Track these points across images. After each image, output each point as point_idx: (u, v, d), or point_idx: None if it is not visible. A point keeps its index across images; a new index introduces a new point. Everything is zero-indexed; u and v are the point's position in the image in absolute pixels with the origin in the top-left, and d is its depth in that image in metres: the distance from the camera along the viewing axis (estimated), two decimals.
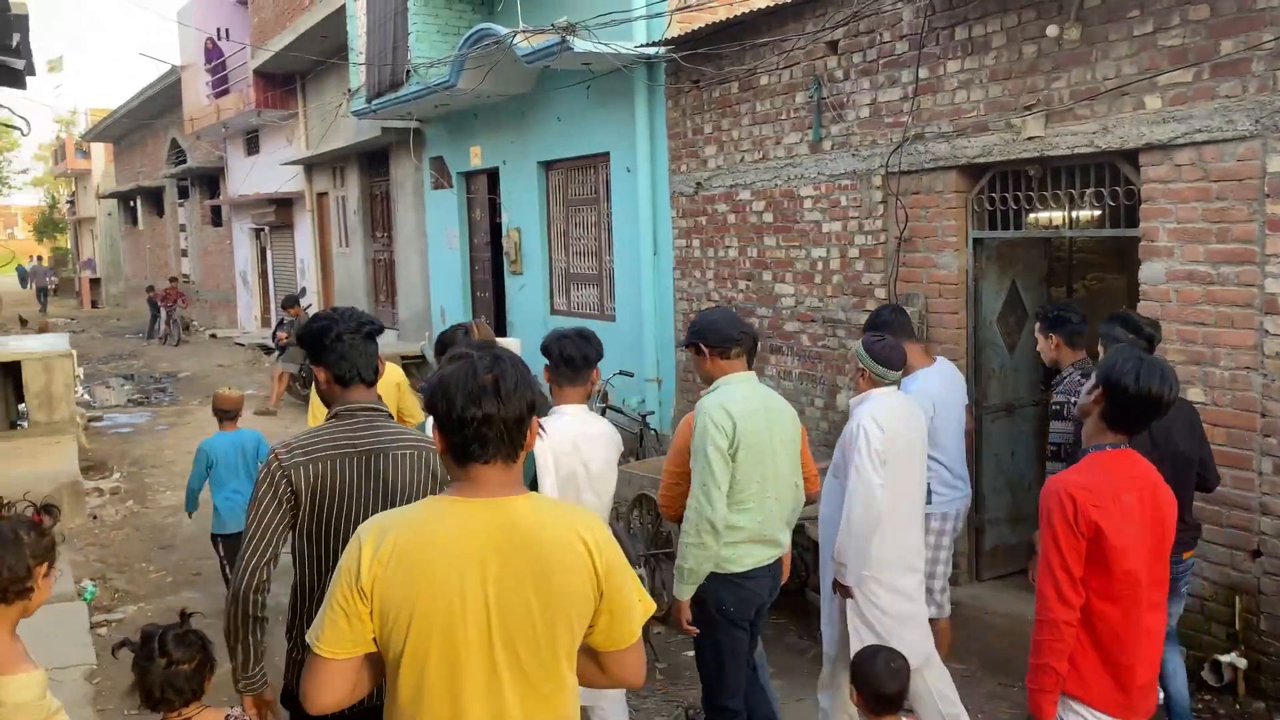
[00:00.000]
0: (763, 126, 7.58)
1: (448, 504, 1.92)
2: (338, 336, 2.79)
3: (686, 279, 8.62)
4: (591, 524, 1.96)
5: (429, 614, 1.83)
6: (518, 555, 1.86)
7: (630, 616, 1.97)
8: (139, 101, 26.57)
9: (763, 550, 3.62)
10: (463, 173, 12.59)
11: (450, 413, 1.88)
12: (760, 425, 3.57)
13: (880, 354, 3.87)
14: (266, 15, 17.12)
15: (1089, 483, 2.64)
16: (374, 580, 1.83)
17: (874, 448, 3.72)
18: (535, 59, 8.75)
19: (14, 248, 58.72)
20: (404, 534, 1.87)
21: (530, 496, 1.97)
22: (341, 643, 1.87)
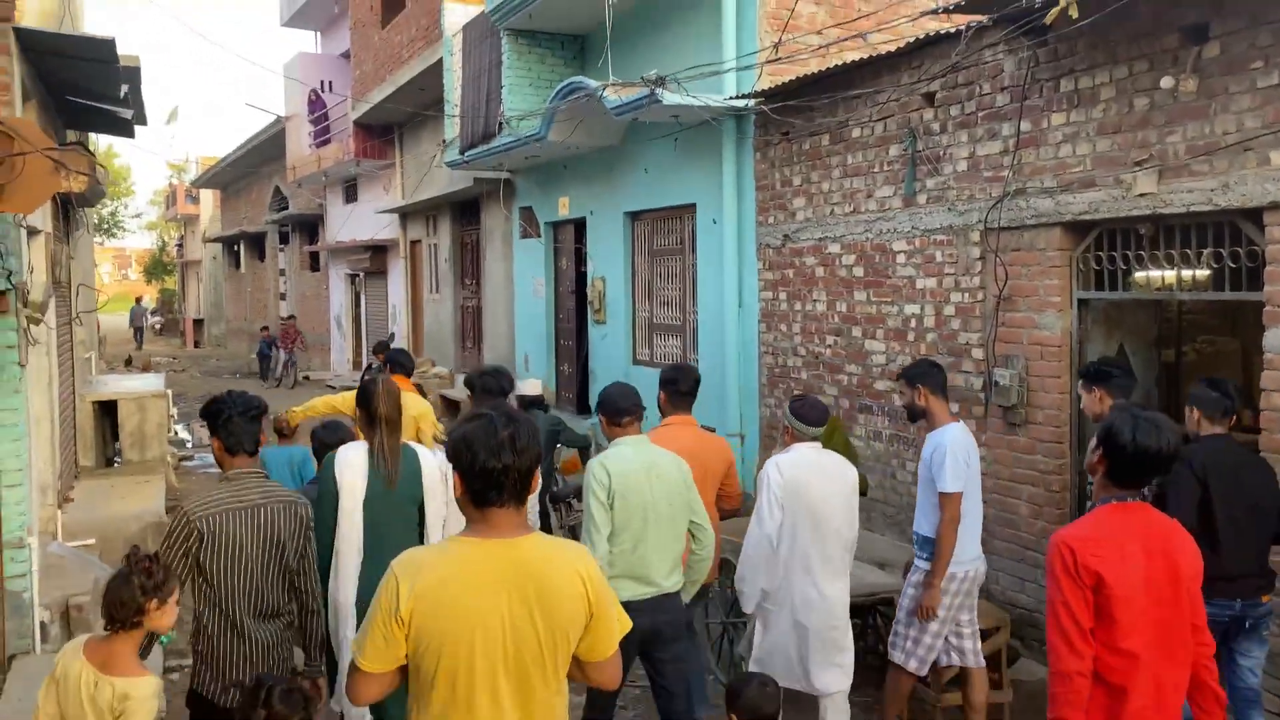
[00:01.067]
0: (854, 179, 7.39)
1: (470, 545, 2.28)
2: (228, 418, 3.51)
3: (772, 332, 8.42)
4: (584, 559, 2.36)
5: (456, 640, 2.20)
6: (527, 587, 2.24)
7: (611, 634, 2.37)
8: (245, 150, 27.66)
9: (635, 586, 4.01)
10: (550, 222, 12.66)
11: (473, 464, 2.23)
12: (639, 481, 4.01)
13: (800, 412, 4.47)
14: (367, 69, 17.66)
15: (1089, 534, 2.71)
16: (411, 612, 2.20)
17: (773, 492, 4.31)
18: (624, 111, 8.75)
19: (127, 289, 61.53)
20: (435, 571, 2.24)
21: (535, 536, 2.34)
22: (380, 659, 2.25)
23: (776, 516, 4.30)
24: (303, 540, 3.59)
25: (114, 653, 3.02)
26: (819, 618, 4.36)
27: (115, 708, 2.96)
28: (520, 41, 11.63)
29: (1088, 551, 2.66)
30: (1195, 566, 2.77)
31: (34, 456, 6.45)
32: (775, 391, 8.42)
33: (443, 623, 2.20)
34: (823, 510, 4.34)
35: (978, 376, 6.34)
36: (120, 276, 66.84)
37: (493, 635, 2.22)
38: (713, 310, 9.17)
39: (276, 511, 3.52)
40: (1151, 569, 2.69)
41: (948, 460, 4.42)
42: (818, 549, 4.34)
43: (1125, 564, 2.67)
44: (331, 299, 24.09)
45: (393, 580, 2.24)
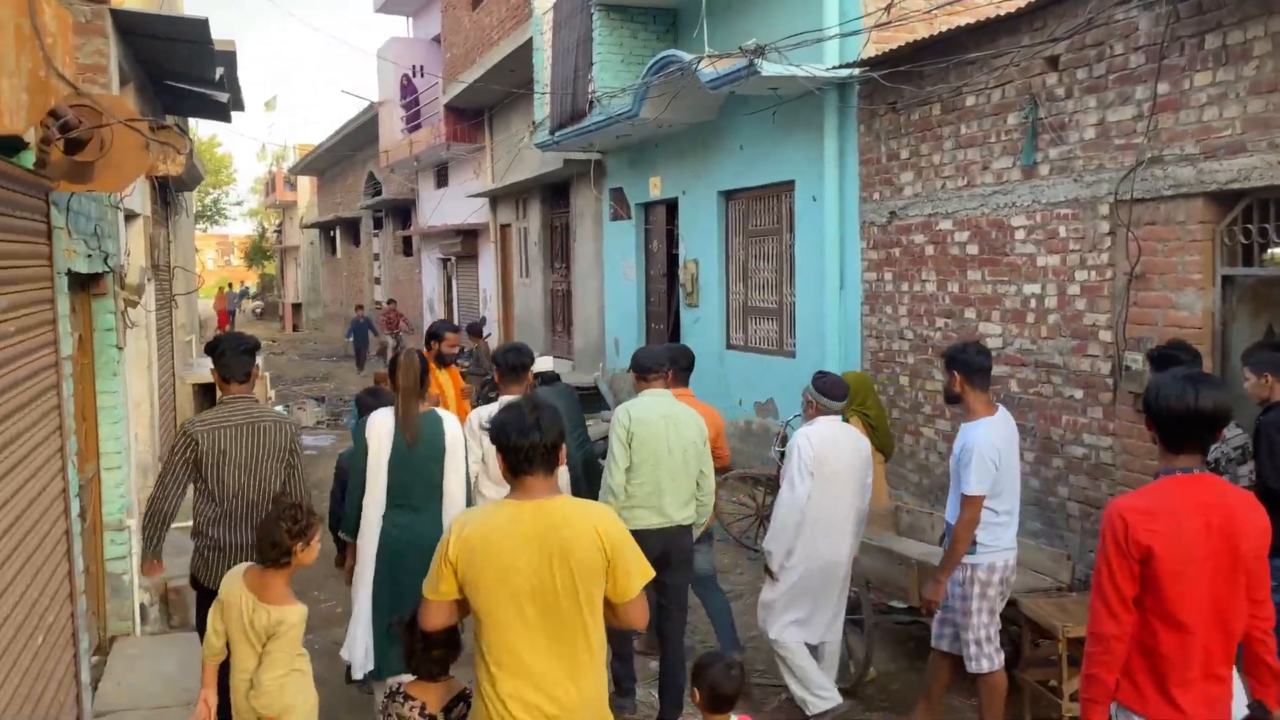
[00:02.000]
0: (968, 150, 6.94)
1: (509, 506, 2.81)
2: (222, 352, 4.29)
3: (876, 315, 8.02)
4: (605, 518, 2.84)
5: (494, 581, 2.72)
6: (550, 539, 2.72)
7: (630, 578, 2.79)
8: (340, 137, 28.04)
9: (651, 516, 4.64)
10: (641, 204, 12.40)
11: (509, 443, 2.78)
12: (656, 428, 4.67)
13: (825, 389, 4.82)
14: (457, 52, 17.62)
15: (1144, 505, 2.72)
16: (457, 557, 2.75)
17: (803, 461, 4.65)
18: (721, 84, 8.42)
19: (229, 274, 63.45)
20: (478, 526, 2.77)
21: (563, 498, 2.86)
22: (435, 591, 2.81)
23: (807, 485, 4.63)
24: (287, 455, 4.29)
25: (268, 584, 3.49)
26: (826, 575, 4.76)
27: (268, 630, 3.43)
28: (611, 16, 11.36)
29: (1140, 525, 2.68)
30: (1260, 540, 2.74)
31: (133, 439, 6.48)
32: (879, 376, 8.03)
33: (480, 567, 2.73)
34: (839, 480, 4.71)
35: (1105, 360, 5.88)
36: (224, 263, 68.94)
37: (522, 577, 2.71)
38: (812, 292, 8.81)
39: (262, 429, 4.22)
40: (1210, 542, 2.68)
41: (974, 462, 4.31)
42: (831, 514, 4.72)
43: (1180, 537, 2.67)
44: (424, 283, 24.29)
45: (449, 531, 2.83)
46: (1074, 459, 6.14)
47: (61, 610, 3.78)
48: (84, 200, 4.81)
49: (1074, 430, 6.14)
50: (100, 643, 5.79)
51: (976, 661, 4.51)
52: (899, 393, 7.83)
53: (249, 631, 3.45)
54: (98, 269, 5.20)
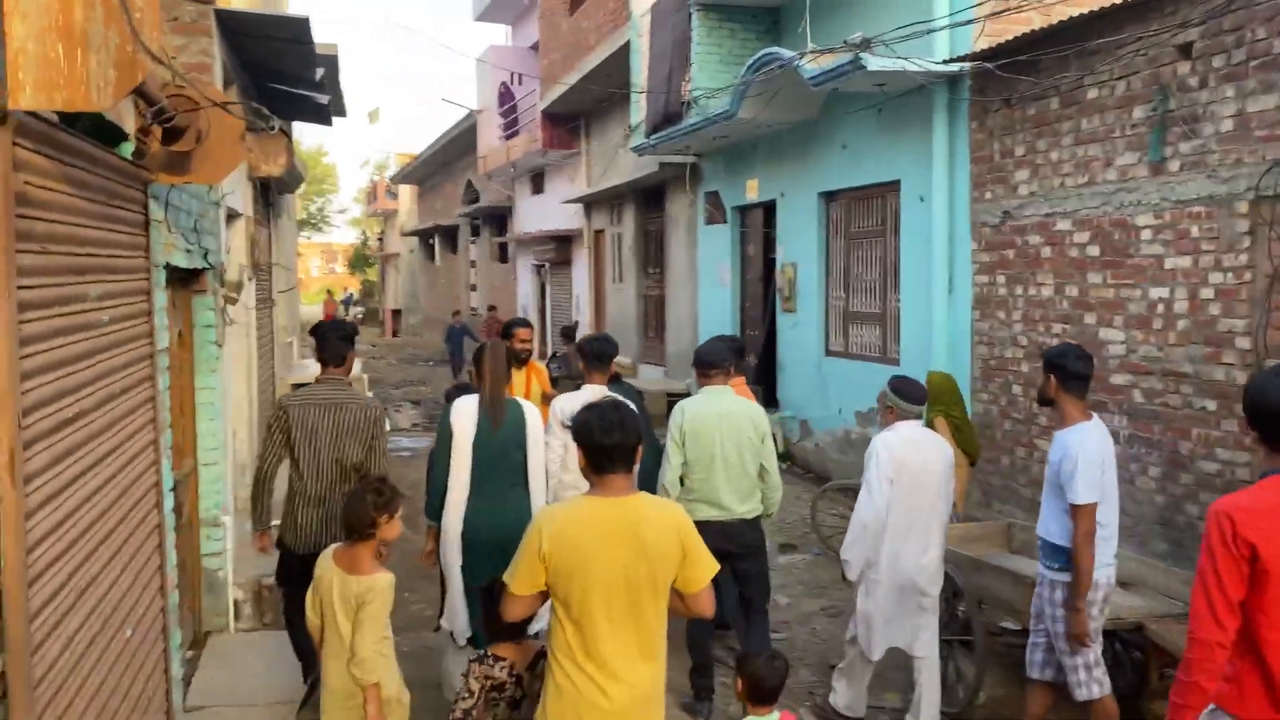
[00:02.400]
0: (1089, 146, 6.54)
1: (592, 503, 2.94)
2: (324, 335, 4.71)
3: (987, 320, 7.64)
4: (679, 514, 3.01)
5: (582, 573, 2.84)
6: (633, 535, 2.87)
7: (700, 571, 2.95)
8: (439, 145, 28.50)
9: (710, 509, 4.77)
10: (737, 207, 12.18)
11: (593, 441, 2.91)
12: (711, 425, 4.78)
13: (903, 391, 4.69)
14: (555, 57, 17.67)
15: (1251, 504, 2.63)
16: (549, 553, 2.85)
17: (882, 470, 4.52)
18: (823, 81, 8.16)
19: (333, 281, 65.22)
20: (568, 523, 2.90)
21: (641, 495, 2.99)
22: (524, 585, 2.91)
23: (887, 492, 4.51)
24: (369, 434, 4.60)
25: (355, 557, 3.66)
26: (914, 585, 4.62)
27: (359, 599, 3.57)
28: (710, 16, 11.18)
29: (1247, 522, 2.59)
30: None
31: (230, 436, 6.53)
32: (990, 386, 7.64)
33: (570, 561, 2.85)
34: (921, 486, 4.56)
35: (1242, 370, 5.43)
36: (328, 270, 70.92)
37: (607, 570, 2.85)
38: (918, 297, 8.45)
39: (346, 409, 4.58)
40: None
41: (1080, 468, 4.03)
42: (915, 521, 4.58)
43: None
44: (519, 289, 24.46)
45: (536, 527, 2.93)
46: (1205, 475, 5.70)
47: (152, 604, 3.75)
48: (184, 196, 4.83)
49: (1206, 444, 5.69)
50: (196, 637, 5.83)
51: (1086, 688, 4.18)
52: (1011, 403, 7.43)
53: (341, 605, 3.60)
54: (197, 265, 5.24)
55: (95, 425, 3.08)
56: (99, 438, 3.13)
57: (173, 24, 5.88)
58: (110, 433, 3.27)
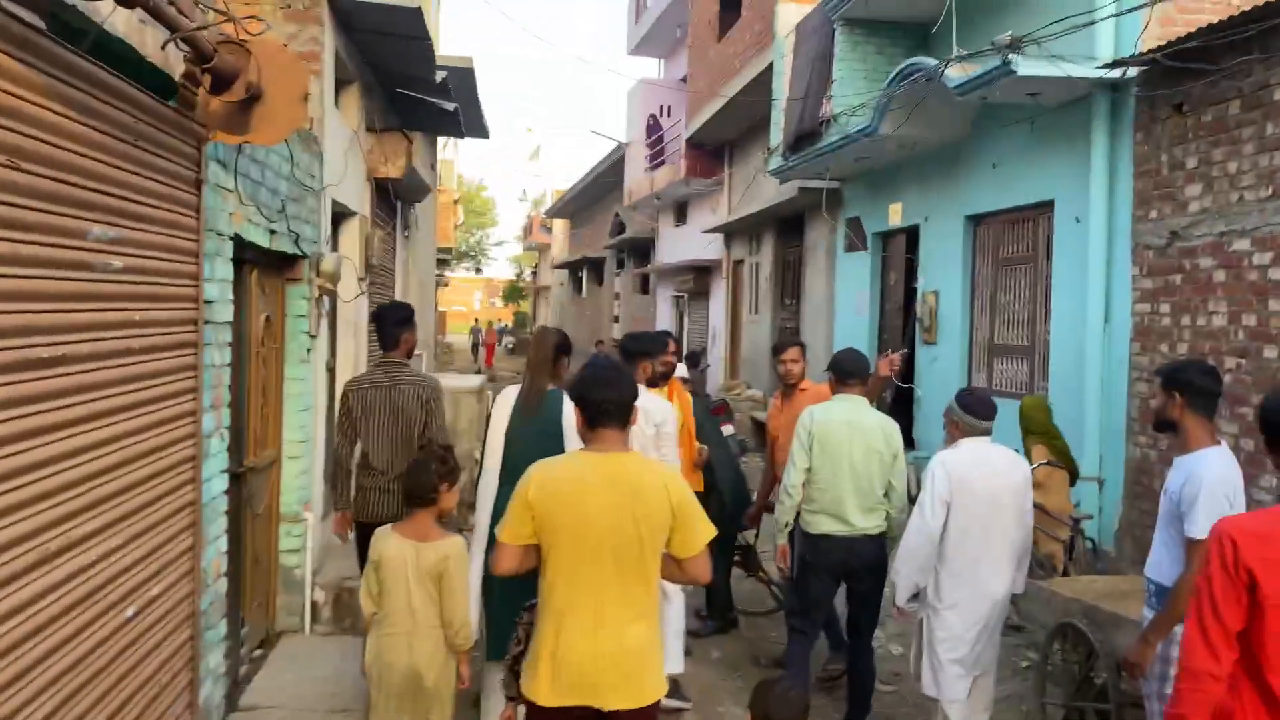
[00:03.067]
0: (1275, 155, 5.68)
1: (585, 455, 2.98)
2: (382, 320, 5.00)
3: (1149, 354, 6.77)
4: (673, 478, 3.01)
5: (572, 524, 2.85)
6: (624, 488, 2.89)
7: (695, 534, 2.94)
8: (590, 180, 28.84)
9: (832, 523, 4.65)
10: (879, 233, 11.53)
11: (586, 396, 2.97)
12: (840, 433, 4.64)
13: (969, 406, 4.33)
14: (700, 85, 17.47)
15: (1258, 527, 2.41)
16: (536, 501, 2.87)
17: (937, 491, 4.20)
18: (969, 89, 7.52)
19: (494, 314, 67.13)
20: (557, 472, 2.95)
21: (634, 453, 3.06)
22: (512, 535, 2.91)
23: (940, 514, 4.20)
24: (425, 413, 4.76)
25: (423, 526, 3.62)
26: (983, 614, 4.26)
27: (438, 566, 3.53)
28: (856, 31, 10.67)
29: (1251, 549, 2.37)
30: None
31: (321, 430, 6.39)
32: (1149, 428, 6.74)
33: (559, 509, 2.85)
34: (991, 509, 4.21)
35: None
36: (490, 304, 73.14)
37: (596, 520, 2.84)
38: (1071, 328, 7.63)
39: (402, 391, 4.78)
40: None
41: (1202, 497, 3.42)
42: (986, 548, 4.23)
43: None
44: (658, 321, 24.27)
45: (527, 476, 2.94)
46: None
47: (172, 590, 3.50)
48: (268, 173, 4.69)
49: None
50: (268, 636, 5.64)
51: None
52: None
53: (421, 576, 3.54)
54: (284, 248, 5.09)
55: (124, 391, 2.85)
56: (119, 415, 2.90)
57: (285, 10, 5.84)
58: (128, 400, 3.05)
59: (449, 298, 76.34)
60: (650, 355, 5.28)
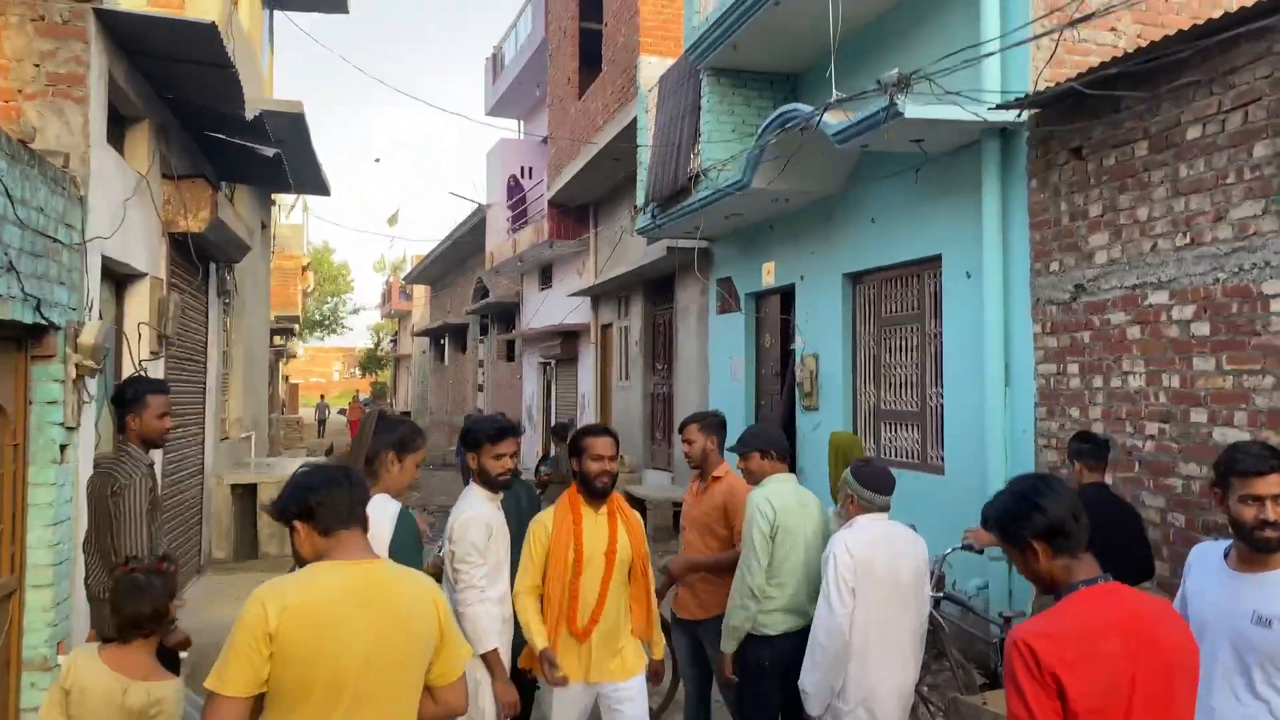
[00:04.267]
0: (1190, 198, 5.18)
1: (329, 565, 2.39)
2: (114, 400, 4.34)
3: (1056, 419, 6.17)
4: (431, 584, 2.55)
5: (327, 655, 2.27)
6: (385, 603, 2.38)
7: (455, 660, 2.51)
8: (450, 243, 27.74)
9: (792, 619, 4.22)
10: (752, 294, 10.88)
11: (318, 498, 2.42)
12: (795, 519, 4.25)
13: (867, 479, 4.01)
14: (562, 145, 16.76)
15: (1051, 630, 2.25)
16: (279, 631, 2.25)
17: (842, 577, 3.82)
18: (850, 135, 6.90)
19: (351, 385, 64.45)
20: (300, 591, 2.34)
21: (383, 560, 2.53)
22: (240, 682, 2.27)
23: (849, 603, 3.81)
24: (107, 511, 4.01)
25: (137, 660, 3.10)
26: (893, 712, 3.90)
27: (150, 711, 3.01)
28: (722, 82, 10.09)
29: (1051, 654, 2.20)
30: (1189, 659, 2.30)
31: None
32: None
33: (310, 639, 2.25)
34: (894, 592, 3.88)
35: None
36: (349, 374, 70.42)
37: (358, 648, 2.29)
38: (967, 391, 7.01)
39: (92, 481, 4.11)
40: (1135, 666, 2.23)
41: None
42: (891, 635, 3.89)
43: (1096, 667, 2.21)
44: (524, 389, 23.21)
45: (256, 601, 2.28)
46: None
47: None
48: None
49: None
50: None
51: None
52: None
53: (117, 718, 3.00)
54: (15, 315, 3.90)
55: None
56: None
57: (38, 24, 4.69)
58: None
59: (305, 369, 73.18)
60: (476, 445, 3.99)
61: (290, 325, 23.54)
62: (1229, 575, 2.96)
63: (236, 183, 9.07)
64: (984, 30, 6.55)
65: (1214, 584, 3.00)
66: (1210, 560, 3.08)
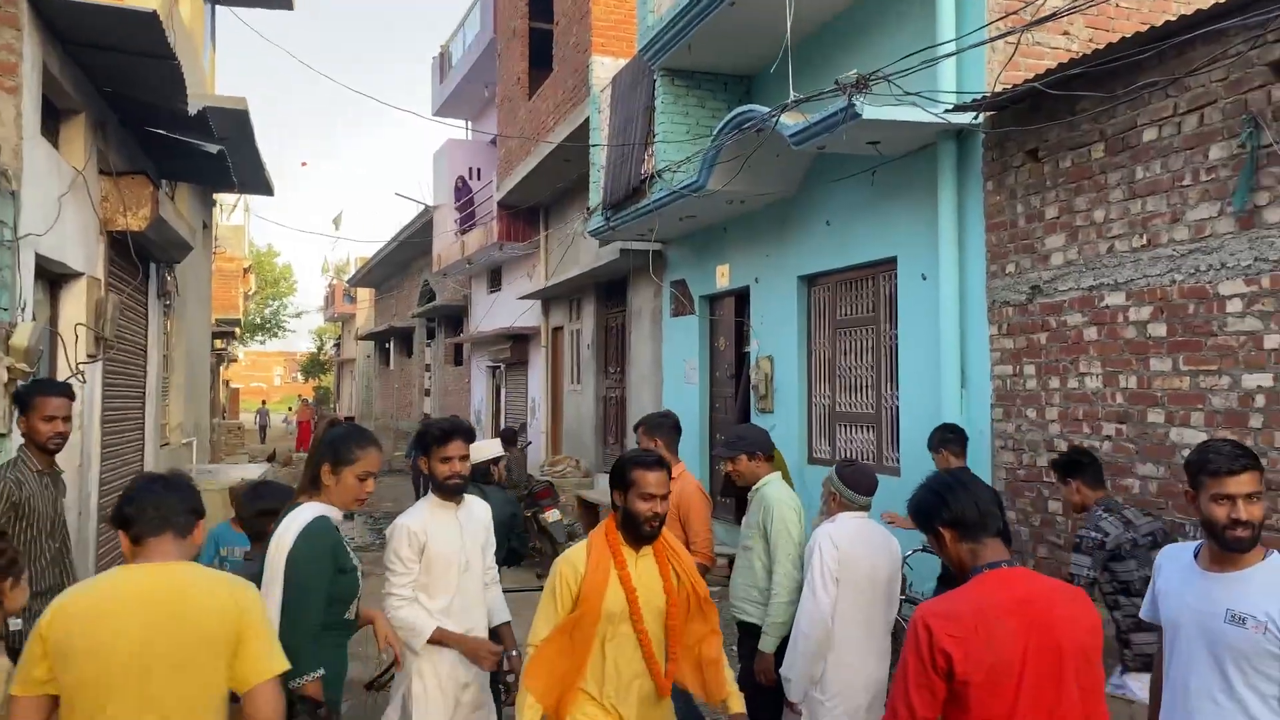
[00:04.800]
0: (1147, 200, 5.23)
1: (121, 570, 2.45)
2: None
3: (1013, 420, 6.19)
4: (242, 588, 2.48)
5: (94, 654, 2.30)
6: (169, 604, 2.37)
7: (256, 664, 2.40)
8: (395, 245, 27.33)
9: None
10: (706, 296, 10.83)
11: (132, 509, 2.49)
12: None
13: (850, 479, 4.17)
14: (512, 145, 16.58)
15: (952, 610, 2.48)
16: (47, 628, 2.34)
17: (827, 567, 3.96)
18: (807, 138, 6.88)
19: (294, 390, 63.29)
20: (82, 594, 2.43)
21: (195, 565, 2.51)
22: (25, 683, 2.37)
23: (833, 592, 3.97)
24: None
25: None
26: (868, 704, 4.01)
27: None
28: (677, 83, 10.04)
29: (945, 631, 2.42)
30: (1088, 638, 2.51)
31: None
32: (1019, 502, 6.15)
33: (73, 636, 2.29)
34: (871, 585, 4.05)
35: None
36: (291, 379, 69.29)
37: (122, 646, 2.29)
38: (922, 393, 7.03)
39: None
40: (1027, 645, 2.42)
41: None
42: (866, 629, 4.05)
43: (986, 643, 2.40)
44: (473, 394, 22.94)
45: (52, 605, 2.39)
46: None
47: None
48: None
49: None
50: None
51: None
52: (1047, 523, 5.93)
53: None
54: None
55: None
56: None
57: None
58: None
59: (246, 374, 71.73)
60: (425, 448, 3.90)
61: (231, 329, 23.00)
62: (1200, 576, 2.95)
63: (178, 180, 8.79)
64: (940, 32, 6.57)
65: (1185, 585, 2.98)
66: (1180, 561, 3.06)
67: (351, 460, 3.17)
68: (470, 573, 3.87)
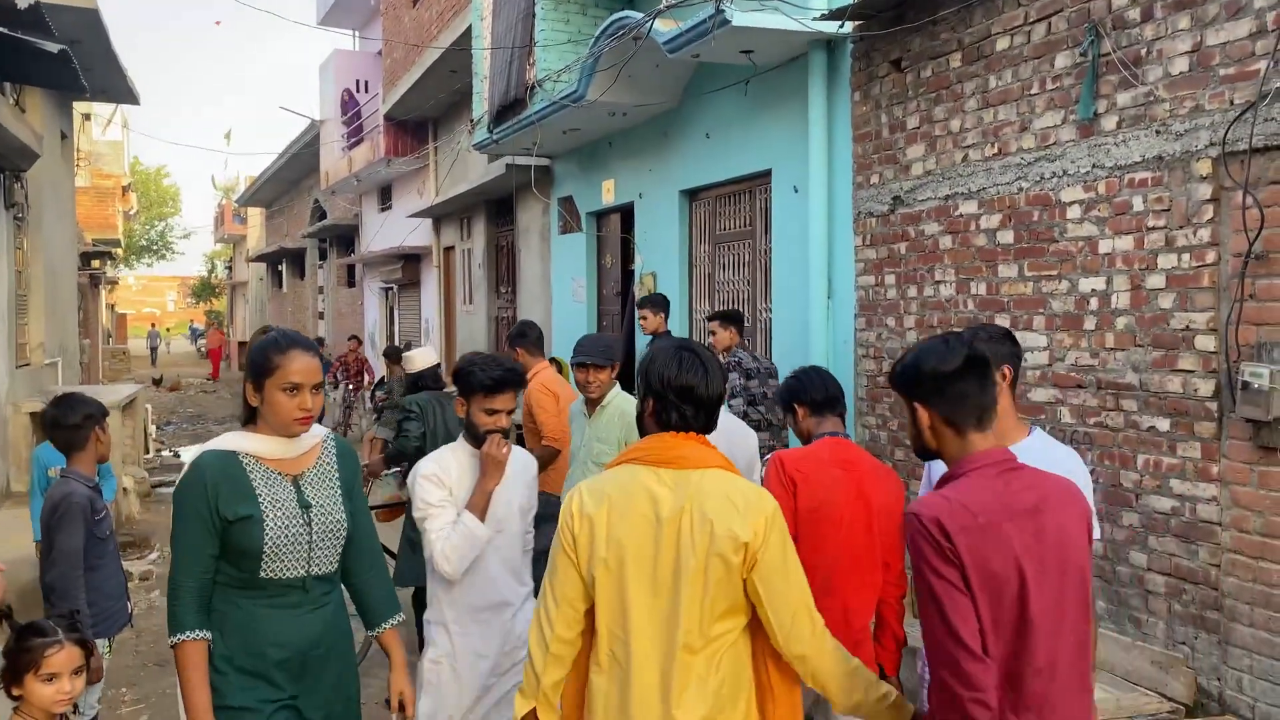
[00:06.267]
0: (999, 109, 5.33)
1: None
2: None
3: (875, 329, 6.35)
4: None
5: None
6: None
7: None
8: (283, 161, 26.35)
9: None
10: (593, 213, 10.75)
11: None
12: None
13: None
14: (397, 56, 16.03)
15: (800, 454, 3.31)
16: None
17: None
18: (680, 44, 6.80)
19: (188, 314, 61.10)
20: None
21: None
22: None
23: None
24: None
25: None
26: None
27: None
28: None
29: (791, 463, 3.22)
30: (889, 500, 3.27)
31: None
32: (879, 408, 6.34)
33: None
34: None
35: (1206, 377, 4.23)
36: (185, 304, 66.84)
37: None
38: (793, 304, 7.14)
39: None
40: (848, 496, 3.19)
41: None
42: None
43: (829, 486, 3.19)
44: (366, 316, 22.51)
45: None
46: (1157, 515, 4.46)
47: None
48: None
49: (1157, 474, 4.46)
50: None
51: None
52: (903, 427, 6.13)
53: None
54: None
55: None
56: None
57: None
58: None
59: (138, 299, 68.88)
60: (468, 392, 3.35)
61: (110, 249, 21.98)
62: None
63: (21, 84, 8.26)
64: None
65: None
66: None
67: (271, 370, 2.56)
68: (506, 535, 3.31)
